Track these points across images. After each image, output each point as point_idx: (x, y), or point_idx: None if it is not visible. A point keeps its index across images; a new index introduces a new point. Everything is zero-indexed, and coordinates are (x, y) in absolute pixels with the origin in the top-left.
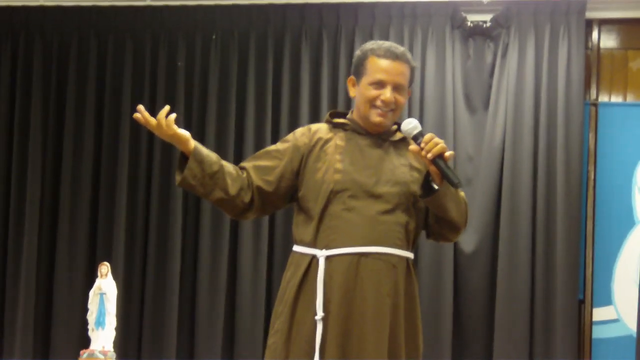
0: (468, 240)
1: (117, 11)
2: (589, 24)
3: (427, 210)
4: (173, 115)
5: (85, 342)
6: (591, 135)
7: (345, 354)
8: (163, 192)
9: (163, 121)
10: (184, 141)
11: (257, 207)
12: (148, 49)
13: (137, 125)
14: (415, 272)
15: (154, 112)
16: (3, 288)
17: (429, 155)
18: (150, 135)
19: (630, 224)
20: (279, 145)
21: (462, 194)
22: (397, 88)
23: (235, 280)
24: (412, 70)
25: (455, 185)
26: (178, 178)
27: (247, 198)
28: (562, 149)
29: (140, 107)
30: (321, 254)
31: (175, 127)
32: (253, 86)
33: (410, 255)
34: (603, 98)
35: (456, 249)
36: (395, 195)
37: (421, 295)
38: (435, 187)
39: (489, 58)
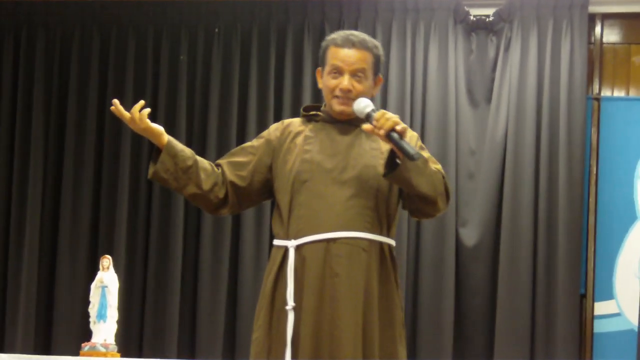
0: (470, 234)
1: (119, 5)
2: (592, 18)
3: (401, 190)
4: (147, 110)
5: (87, 335)
6: (593, 130)
7: (319, 343)
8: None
9: (136, 115)
10: (157, 135)
11: (232, 203)
12: (150, 42)
13: None
14: (393, 258)
15: (155, 107)
16: (5, 281)
17: (381, 132)
18: None
19: (632, 218)
20: (254, 142)
21: (437, 166)
22: (355, 75)
23: (237, 273)
24: (376, 57)
25: (412, 157)
26: (150, 170)
27: (221, 194)
28: (564, 144)
29: (115, 101)
30: (291, 244)
31: (148, 121)
32: (255, 80)
33: (386, 239)
34: (605, 92)
35: (458, 243)
36: (364, 179)
37: (422, 289)
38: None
39: (491, 52)
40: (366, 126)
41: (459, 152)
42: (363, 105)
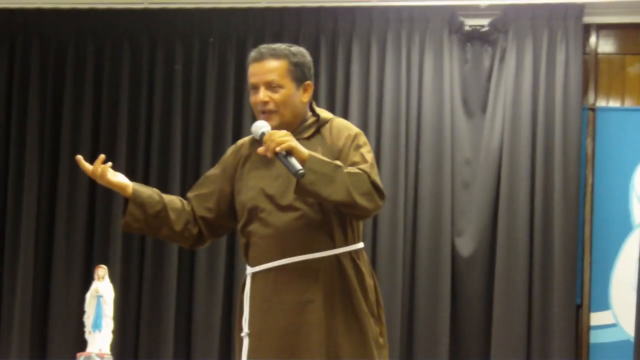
0: (465, 244)
1: (114, 14)
2: (587, 28)
3: None
4: (108, 164)
5: (82, 345)
6: (589, 140)
7: None
8: None
9: (97, 172)
10: (121, 188)
11: (207, 236)
12: (145, 52)
13: (134, 128)
14: (356, 264)
15: (150, 116)
16: (0, 290)
17: (269, 154)
18: (148, 137)
19: (627, 228)
20: (215, 169)
21: (362, 167)
22: (269, 86)
23: (233, 283)
24: (294, 64)
25: (297, 175)
26: (122, 223)
27: (194, 230)
28: (559, 154)
29: (79, 157)
30: (248, 271)
31: (109, 177)
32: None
33: (342, 249)
34: (601, 103)
35: (454, 253)
36: (305, 199)
37: (418, 299)
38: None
39: (486, 62)
40: (260, 149)
41: (454, 162)
42: (257, 127)
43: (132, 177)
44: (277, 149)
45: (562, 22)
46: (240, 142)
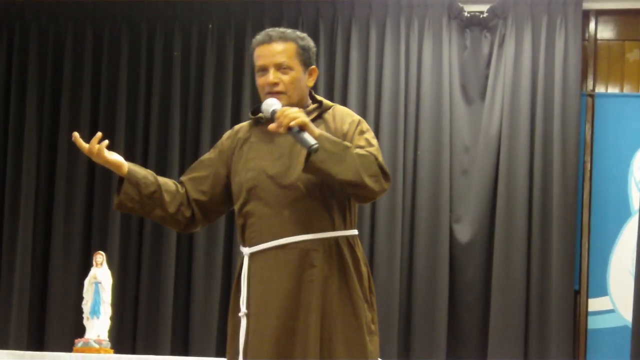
0: (464, 231)
1: (113, 1)
2: (586, 14)
3: None
4: (105, 143)
5: (80, 331)
6: (588, 126)
7: (277, 347)
8: None
9: (94, 150)
10: (117, 166)
11: (199, 219)
12: (144, 39)
13: (132, 116)
14: (352, 248)
15: (149, 103)
16: None
17: (281, 130)
18: (146, 124)
19: (626, 214)
20: (210, 153)
21: (369, 149)
22: (279, 68)
23: (231, 267)
24: (302, 47)
25: (310, 149)
26: (115, 202)
27: (187, 213)
28: (558, 140)
29: (75, 134)
30: (246, 252)
31: (106, 155)
32: (249, 77)
33: (340, 233)
34: (600, 89)
35: (452, 240)
36: (306, 179)
37: (416, 285)
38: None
39: (485, 49)
40: (271, 126)
41: (453, 149)
42: (268, 104)
43: (130, 162)
44: (292, 123)
45: (561, 8)
46: (237, 126)
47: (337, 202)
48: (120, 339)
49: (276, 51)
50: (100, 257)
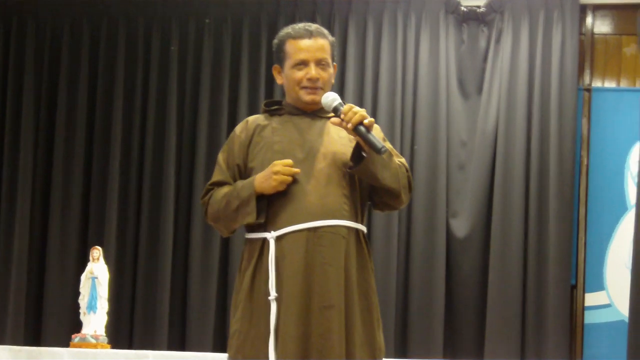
0: (460, 226)
1: None
2: (583, 9)
3: None
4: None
5: (77, 326)
6: (584, 121)
7: (306, 331)
8: (155, 177)
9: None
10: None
11: None
12: (141, 33)
13: (129, 110)
14: (367, 245)
15: (146, 98)
16: None
17: (349, 125)
18: (143, 119)
19: (622, 209)
20: (225, 153)
21: (401, 160)
22: (319, 63)
23: (227, 264)
24: (332, 44)
25: (379, 151)
26: (258, 217)
27: None
28: (555, 134)
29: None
30: (270, 235)
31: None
32: (246, 71)
33: (361, 227)
34: (596, 83)
35: (448, 234)
36: (336, 167)
37: (413, 280)
38: (364, 155)
39: (482, 43)
40: (334, 120)
41: (449, 143)
42: (331, 98)
43: (127, 157)
44: (365, 121)
45: (558, 2)
46: (250, 118)
47: (359, 197)
48: (117, 334)
49: (318, 46)
50: (97, 252)
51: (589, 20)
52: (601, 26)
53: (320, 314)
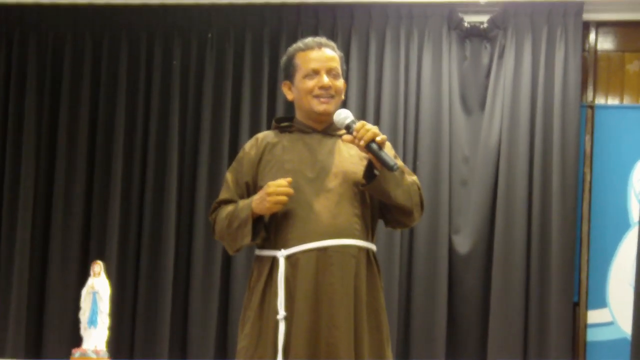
0: (463, 242)
1: (112, 9)
2: (586, 26)
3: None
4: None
5: (78, 341)
6: (587, 138)
7: (314, 350)
8: (156, 192)
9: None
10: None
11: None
12: (143, 47)
13: (131, 124)
14: (377, 264)
15: (148, 112)
16: None
17: (362, 143)
18: (145, 133)
19: (625, 226)
20: (233, 170)
21: (413, 178)
22: (330, 73)
23: (229, 280)
24: (341, 59)
25: (391, 168)
26: (253, 240)
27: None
28: (558, 151)
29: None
30: (280, 254)
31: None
32: (249, 86)
33: (371, 246)
34: (599, 100)
35: (451, 250)
36: (347, 186)
37: (415, 296)
38: (376, 173)
39: (485, 59)
40: (346, 137)
41: (452, 159)
42: (343, 116)
43: (129, 172)
44: (378, 139)
45: (561, 19)
46: (260, 135)
47: (370, 215)
48: (118, 349)
49: (329, 57)
50: (97, 267)
51: (592, 37)
52: (604, 43)
53: (329, 334)
